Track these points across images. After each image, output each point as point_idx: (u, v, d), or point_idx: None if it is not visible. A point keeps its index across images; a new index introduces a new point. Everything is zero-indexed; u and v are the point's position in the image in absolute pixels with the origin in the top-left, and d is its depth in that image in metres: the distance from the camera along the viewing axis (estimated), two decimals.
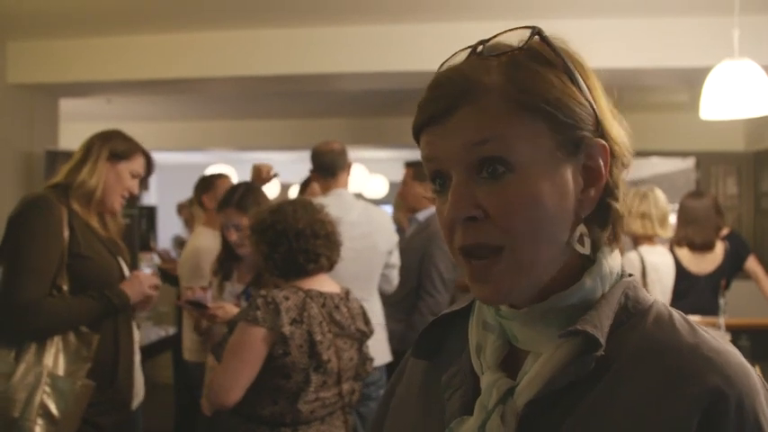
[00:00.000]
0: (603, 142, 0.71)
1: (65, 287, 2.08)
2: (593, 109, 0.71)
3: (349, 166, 3.30)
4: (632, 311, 0.72)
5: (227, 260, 2.71)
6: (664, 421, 0.64)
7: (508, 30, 0.73)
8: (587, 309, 0.70)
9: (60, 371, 2.04)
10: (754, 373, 0.68)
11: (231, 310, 2.51)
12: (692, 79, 3.73)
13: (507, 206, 0.68)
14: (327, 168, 3.23)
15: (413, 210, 3.73)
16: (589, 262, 0.73)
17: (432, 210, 3.63)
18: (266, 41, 4.26)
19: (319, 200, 2.78)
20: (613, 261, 0.74)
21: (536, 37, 0.72)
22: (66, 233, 2.08)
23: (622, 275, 0.75)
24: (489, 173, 0.68)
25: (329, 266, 2.11)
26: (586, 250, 0.71)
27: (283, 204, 2.10)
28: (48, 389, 2.01)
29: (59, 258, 2.06)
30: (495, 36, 0.73)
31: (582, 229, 0.71)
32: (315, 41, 4.21)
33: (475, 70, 0.70)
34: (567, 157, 0.70)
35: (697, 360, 0.67)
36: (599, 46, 3.63)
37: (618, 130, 0.73)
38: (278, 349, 1.93)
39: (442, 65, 0.75)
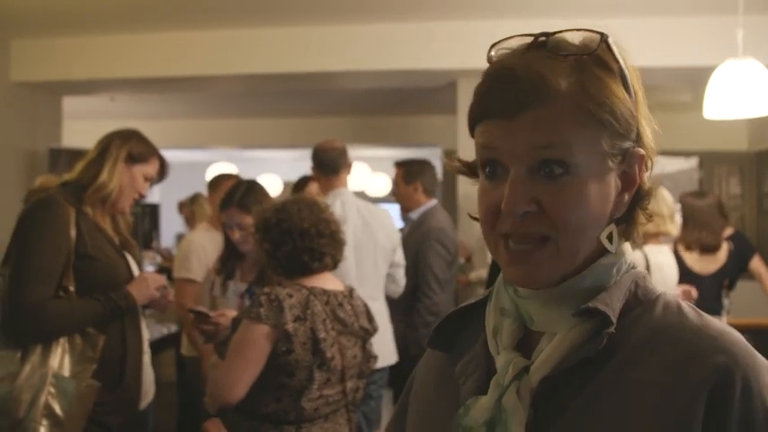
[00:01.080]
0: (643, 152, 0.76)
1: (71, 288, 2.07)
2: (636, 117, 0.75)
3: (350, 165, 3.31)
4: (641, 299, 0.76)
5: (230, 259, 2.71)
6: (674, 398, 0.68)
7: (572, 29, 0.75)
8: (600, 292, 0.74)
9: (66, 372, 2.04)
10: (756, 352, 0.72)
11: (232, 315, 2.51)
12: (696, 79, 3.72)
13: (561, 204, 0.72)
14: (329, 166, 3.23)
15: (406, 209, 3.73)
16: (606, 252, 0.77)
17: (424, 208, 3.63)
18: (269, 40, 4.26)
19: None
20: (628, 253, 0.79)
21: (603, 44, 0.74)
22: (72, 233, 2.08)
23: (633, 267, 0.79)
24: (546, 172, 0.72)
25: (333, 265, 2.12)
26: (613, 248, 0.76)
27: (288, 203, 2.11)
28: (52, 390, 2.01)
29: (66, 259, 2.06)
30: (559, 31, 0.75)
31: (612, 227, 0.77)
32: (318, 40, 4.21)
33: (548, 70, 0.71)
34: (615, 165, 0.74)
35: (704, 340, 0.71)
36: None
37: (650, 137, 0.77)
38: (281, 346, 1.93)
39: (492, 47, 0.76)
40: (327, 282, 2.10)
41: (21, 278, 2.02)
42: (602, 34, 0.74)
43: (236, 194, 2.66)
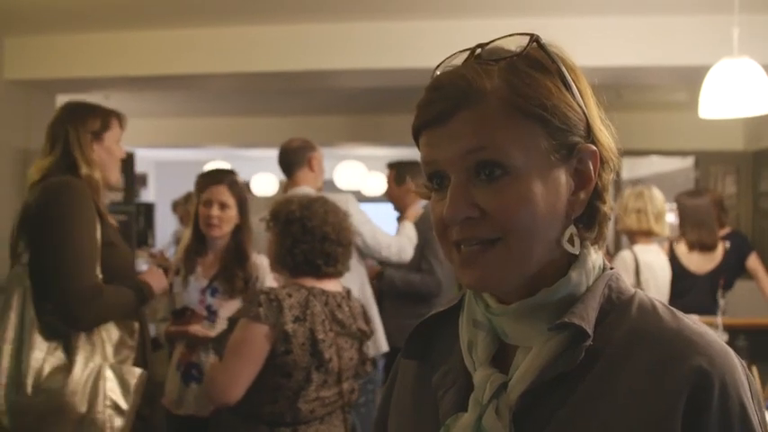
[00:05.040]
0: (594, 148, 0.75)
1: (100, 276, 2.03)
2: (585, 114, 0.74)
3: (310, 162, 3.23)
4: (616, 302, 0.76)
5: (193, 252, 2.66)
6: (653, 403, 0.68)
7: (506, 36, 0.75)
8: (574, 302, 0.73)
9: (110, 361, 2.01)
10: (731, 351, 0.73)
11: (195, 333, 2.50)
12: (691, 78, 3.72)
13: (503, 206, 0.71)
14: (284, 166, 3.26)
15: (399, 209, 3.75)
16: (573, 258, 0.76)
17: (417, 208, 3.68)
18: (265, 38, 4.25)
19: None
20: (596, 255, 0.78)
21: (534, 43, 0.74)
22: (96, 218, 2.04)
23: (604, 269, 0.79)
24: (486, 175, 0.71)
25: (341, 273, 2.12)
26: (576, 250, 0.75)
27: (314, 202, 2.08)
28: (112, 379, 1.97)
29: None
30: (493, 40, 0.75)
31: (572, 229, 0.75)
32: (314, 38, 4.20)
33: (475, 74, 0.72)
34: (560, 161, 0.73)
35: (681, 343, 0.71)
36: (598, 44, 3.62)
37: (606, 135, 0.77)
38: (280, 347, 1.92)
39: (438, 66, 0.77)
40: (327, 283, 2.08)
41: (72, 263, 1.95)
42: (531, 35, 0.74)
43: (227, 176, 2.65)
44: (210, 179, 2.64)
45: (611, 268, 0.80)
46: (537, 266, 0.74)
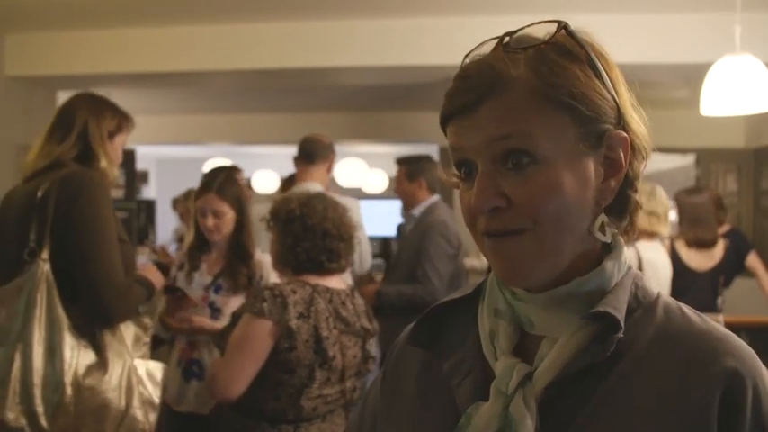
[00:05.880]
0: (624, 134, 0.73)
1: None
2: (616, 102, 0.73)
3: (328, 161, 3.34)
4: (642, 300, 0.75)
5: (197, 250, 2.65)
6: (687, 401, 0.67)
7: (535, 23, 0.74)
8: (604, 294, 0.73)
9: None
10: (755, 354, 0.72)
11: (205, 321, 2.48)
12: (693, 75, 3.71)
13: (531, 196, 0.70)
14: (305, 155, 3.31)
15: (408, 206, 3.72)
16: (606, 250, 0.76)
17: (427, 203, 3.63)
18: (266, 35, 4.24)
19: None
20: (622, 246, 0.77)
21: (562, 30, 0.73)
22: None
23: (629, 267, 0.78)
24: (514, 164, 0.70)
25: (344, 269, 2.11)
26: (607, 238, 0.74)
27: (313, 199, 2.08)
28: (143, 375, 1.97)
29: None
30: (521, 29, 0.74)
31: (603, 218, 0.74)
32: (315, 35, 4.20)
33: (502, 63, 0.71)
34: (589, 149, 0.72)
35: (711, 344, 0.70)
36: (599, 41, 3.60)
37: (638, 122, 0.75)
38: (283, 343, 1.91)
39: (467, 55, 0.76)
40: (331, 280, 2.08)
41: (103, 256, 1.93)
42: (560, 22, 0.73)
43: (216, 181, 2.58)
44: (201, 187, 2.62)
45: (631, 268, 0.79)
46: (569, 257, 0.73)
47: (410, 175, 3.64)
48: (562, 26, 0.73)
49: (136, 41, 4.36)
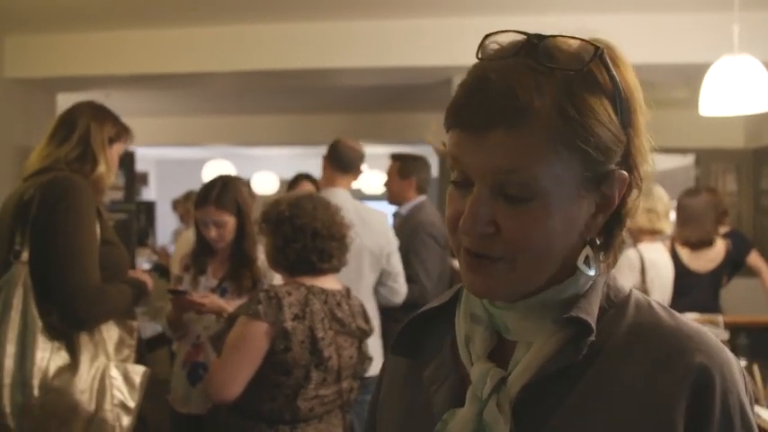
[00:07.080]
0: (626, 175, 0.72)
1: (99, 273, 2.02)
2: (628, 139, 0.71)
3: (359, 172, 3.31)
4: (614, 300, 0.77)
5: (202, 254, 2.66)
6: (656, 399, 0.68)
7: (570, 36, 0.71)
8: (578, 299, 0.74)
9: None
10: (725, 347, 0.74)
11: (216, 300, 2.49)
12: (692, 75, 3.71)
13: (520, 230, 0.70)
14: (342, 163, 3.21)
15: (397, 203, 3.71)
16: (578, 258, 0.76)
17: (414, 202, 3.62)
18: (265, 36, 4.25)
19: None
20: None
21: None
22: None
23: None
24: (511, 195, 0.69)
25: (338, 269, 2.11)
26: (591, 272, 0.74)
27: (302, 199, 2.08)
28: (117, 378, 1.96)
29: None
30: (554, 36, 0.70)
31: (587, 251, 0.74)
32: (314, 36, 4.20)
33: (524, 88, 0.67)
34: (588, 192, 0.71)
35: (680, 340, 0.72)
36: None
37: (644, 157, 0.74)
38: (279, 344, 1.92)
39: (485, 38, 0.72)
40: (325, 281, 2.08)
41: (77, 261, 1.93)
42: (597, 48, 0.69)
43: (213, 192, 2.57)
44: (199, 199, 2.62)
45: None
46: (545, 278, 0.73)
47: (402, 172, 3.64)
48: (598, 54, 0.69)
49: (135, 43, 4.36)
